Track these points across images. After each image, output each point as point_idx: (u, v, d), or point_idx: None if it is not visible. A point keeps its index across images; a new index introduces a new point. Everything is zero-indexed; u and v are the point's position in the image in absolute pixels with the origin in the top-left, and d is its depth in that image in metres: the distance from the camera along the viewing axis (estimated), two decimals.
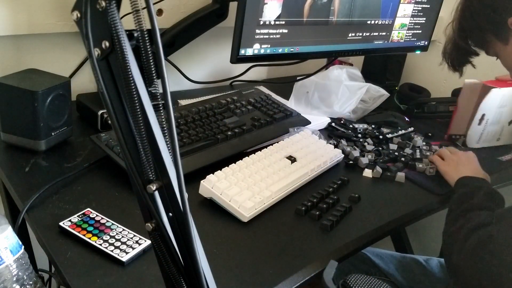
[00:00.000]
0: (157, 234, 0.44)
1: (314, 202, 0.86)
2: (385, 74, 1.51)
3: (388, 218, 0.87)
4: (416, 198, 0.96)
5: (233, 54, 1.00)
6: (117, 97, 0.40)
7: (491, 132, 1.20)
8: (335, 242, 0.78)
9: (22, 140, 0.88)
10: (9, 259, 0.61)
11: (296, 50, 1.10)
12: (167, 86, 0.37)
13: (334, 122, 1.22)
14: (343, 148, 1.07)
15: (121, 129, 0.41)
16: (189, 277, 0.45)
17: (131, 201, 0.80)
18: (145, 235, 0.70)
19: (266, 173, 0.87)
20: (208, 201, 0.82)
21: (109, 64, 0.39)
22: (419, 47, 1.39)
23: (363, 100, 1.28)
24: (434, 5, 1.33)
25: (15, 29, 0.99)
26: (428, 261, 1.10)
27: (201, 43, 1.29)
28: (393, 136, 1.19)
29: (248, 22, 0.97)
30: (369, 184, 0.99)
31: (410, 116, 1.36)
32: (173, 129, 0.38)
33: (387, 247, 1.44)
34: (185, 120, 0.97)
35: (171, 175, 0.41)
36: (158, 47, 0.36)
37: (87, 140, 0.94)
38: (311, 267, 0.72)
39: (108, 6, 0.36)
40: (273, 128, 1.06)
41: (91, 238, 0.69)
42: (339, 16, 1.12)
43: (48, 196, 0.78)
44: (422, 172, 1.04)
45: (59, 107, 0.89)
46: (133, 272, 0.65)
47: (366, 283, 0.91)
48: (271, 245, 0.75)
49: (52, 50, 1.10)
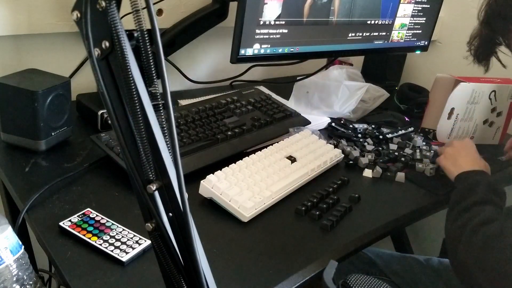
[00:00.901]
0: (157, 234, 0.44)
1: (314, 202, 0.86)
2: (385, 74, 1.51)
3: (388, 218, 0.87)
4: (416, 198, 0.96)
5: (233, 54, 1.00)
6: (117, 97, 0.40)
7: (462, 128, 1.20)
8: (335, 242, 0.78)
9: (22, 140, 0.88)
10: (9, 259, 0.61)
11: (296, 50, 1.10)
12: (167, 86, 0.37)
13: (334, 122, 1.22)
14: (343, 148, 1.07)
15: (121, 129, 0.41)
16: (189, 277, 0.45)
17: (131, 201, 0.80)
18: (145, 235, 0.70)
19: (266, 173, 0.87)
20: (208, 201, 0.82)
21: (109, 64, 0.39)
22: (419, 47, 1.39)
23: (363, 100, 1.28)
24: (434, 5, 1.33)
25: (15, 29, 0.99)
26: (428, 261, 1.10)
27: (201, 43, 1.29)
28: (393, 136, 1.19)
29: (248, 22, 0.97)
30: (369, 184, 0.99)
31: (410, 116, 1.36)
32: (173, 129, 0.38)
33: (387, 247, 1.44)
34: (185, 120, 0.97)
35: (171, 175, 0.41)
36: (158, 47, 0.36)
37: (87, 140, 0.94)
38: (311, 267, 0.72)
39: (108, 6, 0.36)
40: (273, 128, 1.06)
41: (91, 238, 0.69)
42: (339, 16, 1.12)
43: (48, 196, 0.78)
44: (422, 172, 1.04)
45: (59, 107, 0.89)
46: (133, 272, 0.65)
47: (366, 283, 0.91)
48: (271, 245, 0.75)
49: (52, 50, 1.10)
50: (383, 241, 0.97)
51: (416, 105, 1.38)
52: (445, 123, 1.18)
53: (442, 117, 1.17)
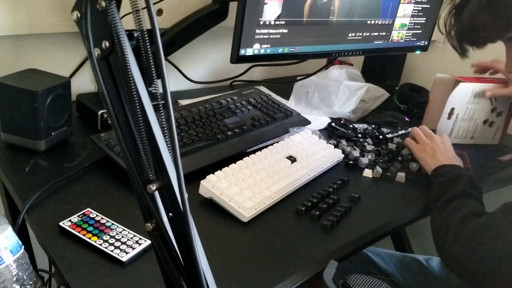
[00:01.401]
0: (157, 234, 0.44)
1: (314, 202, 0.86)
2: (385, 74, 1.51)
3: (388, 218, 0.87)
4: (416, 198, 0.96)
5: (233, 54, 1.00)
6: (117, 97, 0.40)
7: (463, 128, 1.20)
8: (335, 242, 0.78)
9: (22, 140, 0.88)
10: (9, 259, 0.61)
11: (296, 50, 1.10)
12: (167, 86, 0.37)
13: (334, 122, 1.22)
14: (343, 148, 1.07)
15: (121, 129, 0.41)
16: (189, 277, 0.45)
17: (131, 201, 0.80)
18: (145, 235, 0.70)
19: (266, 173, 0.87)
20: (208, 201, 0.82)
21: (109, 64, 0.39)
22: (419, 47, 1.39)
23: (363, 100, 1.28)
24: (434, 5, 1.33)
25: (15, 29, 0.99)
26: (428, 261, 1.10)
27: (201, 43, 1.29)
28: (393, 136, 1.19)
29: (248, 22, 0.97)
30: (369, 184, 0.99)
31: (410, 116, 1.36)
32: (173, 129, 0.38)
33: (387, 247, 1.44)
34: (185, 120, 0.97)
35: (171, 175, 0.41)
36: (158, 47, 0.36)
37: (87, 140, 0.94)
38: (311, 267, 0.72)
39: (108, 6, 0.36)
40: (273, 128, 1.06)
41: (91, 238, 0.69)
42: (339, 16, 1.12)
43: (48, 196, 0.78)
44: (419, 172, 1.04)
45: (59, 107, 0.89)
46: (133, 272, 0.65)
47: (366, 283, 0.91)
48: (271, 245, 0.75)
49: (52, 50, 1.10)
50: (383, 241, 0.97)
51: (416, 105, 1.38)
52: (445, 123, 1.18)
53: (442, 117, 1.17)
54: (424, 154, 1.00)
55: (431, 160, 0.98)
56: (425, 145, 1.01)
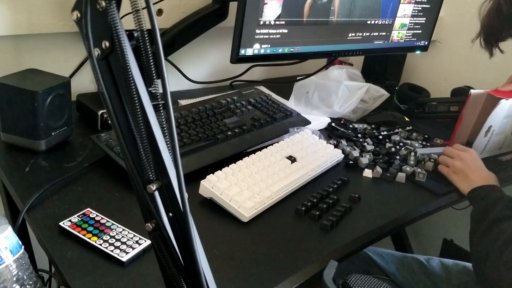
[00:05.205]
0: (157, 234, 0.44)
1: (314, 202, 0.86)
2: (385, 74, 1.51)
3: (388, 218, 0.87)
4: (416, 198, 0.96)
5: (233, 54, 1.00)
6: (117, 97, 0.40)
7: (495, 142, 1.17)
8: (335, 242, 0.78)
9: (22, 140, 0.88)
10: (9, 259, 0.61)
11: (296, 50, 1.10)
12: (167, 86, 0.37)
13: (334, 122, 1.22)
14: (343, 148, 1.07)
15: (121, 129, 0.41)
16: (189, 277, 0.45)
17: (131, 201, 0.80)
18: (145, 235, 0.70)
19: (266, 173, 0.87)
20: (208, 201, 0.82)
21: (109, 64, 0.39)
22: (419, 47, 1.39)
23: (363, 100, 1.28)
24: (434, 5, 1.33)
25: (15, 29, 0.99)
26: (429, 261, 1.10)
27: (201, 43, 1.29)
28: (392, 136, 1.19)
29: (248, 22, 0.97)
30: (369, 184, 0.99)
31: (410, 116, 1.36)
32: (173, 129, 0.38)
33: (387, 247, 1.44)
34: (185, 120, 0.97)
35: (171, 175, 0.41)
36: (158, 47, 0.36)
37: (87, 140, 0.94)
38: (311, 267, 0.72)
39: (108, 6, 0.36)
40: (273, 128, 1.06)
41: (91, 238, 0.69)
42: (339, 16, 1.12)
43: (48, 196, 0.78)
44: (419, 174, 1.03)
45: (59, 107, 0.89)
46: (133, 272, 0.65)
47: (366, 283, 0.91)
48: (271, 245, 0.75)
49: (52, 50, 1.10)
50: (383, 241, 0.97)
51: (416, 105, 1.38)
52: (481, 140, 1.14)
53: (480, 135, 1.12)
54: (456, 178, 0.99)
55: (465, 183, 0.96)
56: (456, 168, 1.00)
